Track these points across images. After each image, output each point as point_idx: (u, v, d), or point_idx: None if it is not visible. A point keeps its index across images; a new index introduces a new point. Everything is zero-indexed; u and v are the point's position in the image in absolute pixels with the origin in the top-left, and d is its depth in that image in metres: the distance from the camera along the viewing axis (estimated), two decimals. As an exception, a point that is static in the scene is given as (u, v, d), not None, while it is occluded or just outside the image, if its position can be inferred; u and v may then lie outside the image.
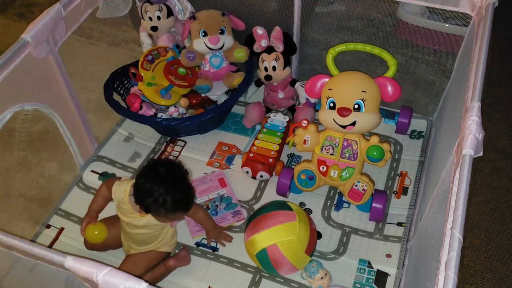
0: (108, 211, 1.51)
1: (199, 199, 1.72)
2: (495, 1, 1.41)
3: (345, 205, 1.70)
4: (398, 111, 1.89)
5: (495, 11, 1.39)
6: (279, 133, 1.84)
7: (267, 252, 1.43)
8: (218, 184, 1.76)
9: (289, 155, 1.86)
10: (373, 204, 1.60)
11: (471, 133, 1.06)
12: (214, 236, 1.59)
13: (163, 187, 1.28)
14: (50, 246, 1.60)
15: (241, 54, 1.89)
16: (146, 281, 0.83)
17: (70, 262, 0.88)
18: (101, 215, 1.51)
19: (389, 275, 1.51)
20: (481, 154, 1.09)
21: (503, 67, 2.47)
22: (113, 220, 1.50)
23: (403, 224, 1.63)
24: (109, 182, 1.45)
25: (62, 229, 1.66)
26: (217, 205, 1.69)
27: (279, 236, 1.42)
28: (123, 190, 1.40)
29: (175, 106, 1.86)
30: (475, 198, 1.97)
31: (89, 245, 1.55)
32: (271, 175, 1.76)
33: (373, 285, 1.49)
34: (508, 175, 2.05)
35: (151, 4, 1.86)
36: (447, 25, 2.02)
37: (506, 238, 1.86)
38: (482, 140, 1.08)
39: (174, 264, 1.50)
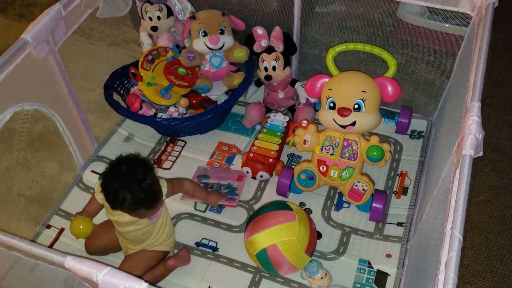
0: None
1: (211, 181, 1.75)
2: (495, 1, 1.41)
3: (345, 205, 1.70)
4: (398, 111, 1.89)
5: (495, 11, 1.39)
6: (279, 133, 1.84)
7: (267, 252, 1.43)
8: (235, 178, 1.76)
9: (289, 155, 1.86)
10: (373, 204, 1.60)
11: (471, 133, 1.06)
12: (214, 201, 1.63)
13: (122, 185, 1.27)
14: (51, 246, 1.60)
15: (241, 54, 1.89)
16: (146, 281, 0.83)
17: (70, 262, 0.88)
18: (101, 219, 1.51)
19: (389, 275, 1.51)
20: (481, 154, 1.09)
21: (503, 67, 2.47)
22: (111, 224, 1.49)
23: (403, 224, 1.63)
24: None
25: (62, 229, 1.66)
26: (220, 189, 1.71)
27: (279, 236, 1.42)
28: None
29: (175, 106, 1.86)
30: (475, 198, 1.97)
31: (90, 250, 1.55)
32: (271, 175, 1.76)
33: (373, 285, 1.49)
34: (508, 175, 2.05)
35: (151, 4, 1.86)
36: (447, 25, 2.02)
37: (506, 238, 1.86)
38: (482, 140, 1.08)
39: (174, 264, 1.50)
